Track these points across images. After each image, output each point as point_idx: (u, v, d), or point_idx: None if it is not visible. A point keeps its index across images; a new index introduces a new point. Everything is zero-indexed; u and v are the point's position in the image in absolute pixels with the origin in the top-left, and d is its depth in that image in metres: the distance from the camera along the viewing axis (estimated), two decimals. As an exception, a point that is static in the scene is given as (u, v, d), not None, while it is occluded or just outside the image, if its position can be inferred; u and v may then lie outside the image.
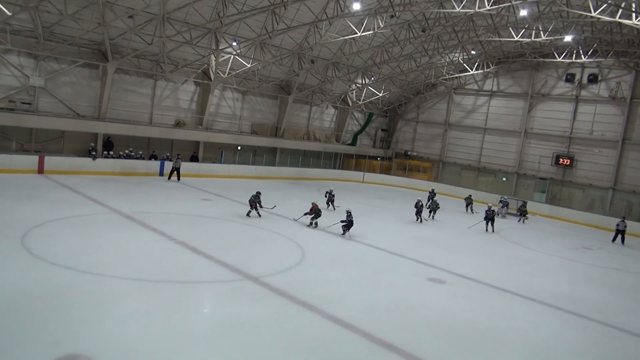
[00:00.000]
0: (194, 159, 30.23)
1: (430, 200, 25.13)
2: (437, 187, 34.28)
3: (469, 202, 28.84)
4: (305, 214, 19.04)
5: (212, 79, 30.21)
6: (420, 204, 22.99)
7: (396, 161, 42.83)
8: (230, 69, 29.93)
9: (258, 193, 19.43)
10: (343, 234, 18.07)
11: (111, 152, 26.17)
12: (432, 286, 13.27)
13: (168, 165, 26.66)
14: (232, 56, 29.12)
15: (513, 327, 10.92)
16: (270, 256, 14.16)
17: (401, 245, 17.65)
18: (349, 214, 18.19)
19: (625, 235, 24.46)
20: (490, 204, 24.44)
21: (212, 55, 29.13)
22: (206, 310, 10.04)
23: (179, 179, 26.07)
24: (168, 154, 28.63)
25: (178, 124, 29.99)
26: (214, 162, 31.44)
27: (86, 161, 24.60)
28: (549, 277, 16.14)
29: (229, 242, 15.08)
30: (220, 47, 27.98)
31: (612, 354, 10.24)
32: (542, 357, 9.55)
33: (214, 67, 29.66)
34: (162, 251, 13.15)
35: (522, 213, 28.06)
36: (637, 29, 22.09)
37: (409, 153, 43.17)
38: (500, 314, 11.78)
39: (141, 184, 23.73)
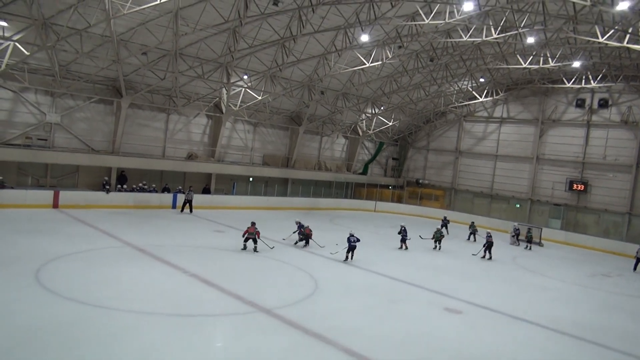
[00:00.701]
0: (206, 191, 30.41)
1: (437, 229, 24.29)
2: (450, 215, 34.01)
3: (472, 230, 28.10)
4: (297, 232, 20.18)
5: (224, 111, 30.65)
6: (403, 228, 22.67)
7: (408, 189, 42.68)
8: (241, 102, 30.37)
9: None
10: (345, 260, 18.19)
11: (125, 186, 26.43)
12: (448, 316, 13.02)
13: (181, 198, 26.82)
14: (243, 89, 29.59)
15: (534, 359, 10.61)
16: (282, 287, 14.04)
17: (415, 274, 17.41)
18: (351, 238, 18.24)
19: (611, 255, 23.75)
20: (488, 231, 23.87)
21: (224, 89, 29.64)
22: (219, 344, 9.92)
23: (191, 211, 26.17)
24: (180, 187, 28.85)
25: (190, 157, 30.31)
26: (226, 194, 31.59)
27: (100, 195, 24.84)
28: (568, 305, 15.78)
29: (242, 274, 15.00)
30: (232, 81, 28.47)
31: (637, 385, 9.91)
32: (565, 389, 9.25)
33: (225, 100, 30.14)
34: (175, 284, 13.10)
35: (529, 239, 27.56)
36: (646, 53, 22.15)
37: (420, 181, 43.05)
38: (520, 344, 11.49)
39: (154, 216, 23.85)
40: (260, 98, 30.22)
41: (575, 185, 34.03)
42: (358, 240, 18.39)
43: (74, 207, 23.18)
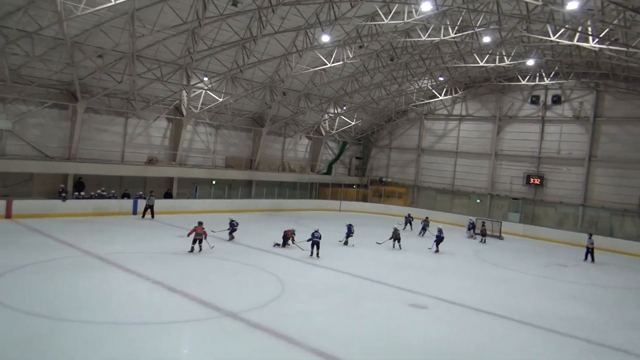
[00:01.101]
0: (168, 195, 29.83)
1: (394, 229, 24.34)
2: (413, 212, 34.55)
3: (424, 224, 28.45)
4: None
5: (184, 114, 30.15)
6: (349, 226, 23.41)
7: (372, 188, 43.08)
8: (202, 104, 29.95)
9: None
10: (311, 255, 18.83)
11: (82, 193, 25.62)
12: (414, 312, 13.20)
13: (141, 204, 26.22)
14: (204, 91, 29.20)
15: (498, 350, 10.89)
16: (248, 290, 13.91)
17: (381, 272, 17.58)
18: (315, 233, 19.09)
19: (596, 250, 24.71)
20: (439, 227, 24.49)
21: (184, 91, 29.15)
22: (185, 350, 9.75)
23: (153, 216, 25.63)
24: (141, 192, 28.20)
25: (151, 161, 29.68)
26: (188, 198, 31.08)
27: (56, 203, 23.98)
28: (529, 296, 16.25)
29: (206, 279, 14.78)
30: (192, 83, 28.04)
31: (595, 371, 10.29)
32: (528, 378, 9.52)
33: (185, 102, 29.65)
34: (138, 292, 12.78)
35: (483, 233, 28.29)
36: (595, 51, 23.02)
37: (384, 179, 43.52)
38: (485, 336, 11.75)
39: (114, 223, 23.22)
40: (221, 100, 29.89)
41: (532, 180, 35.12)
42: (320, 237, 19.19)
43: (28, 217, 22.30)
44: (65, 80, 24.88)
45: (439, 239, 23.38)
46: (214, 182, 32.89)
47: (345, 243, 22.71)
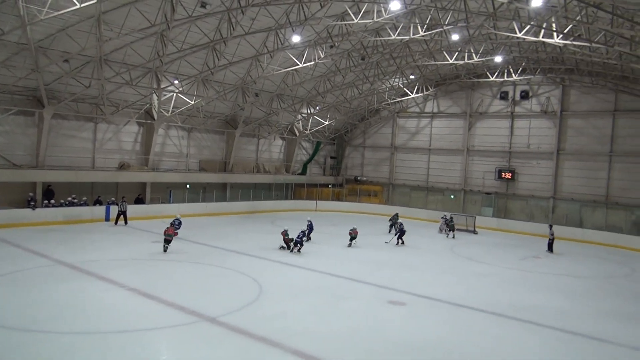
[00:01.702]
0: (139, 201, 29.28)
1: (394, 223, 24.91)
2: (388, 209, 34.92)
3: (394, 221, 28.18)
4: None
5: (156, 118, 29.70)
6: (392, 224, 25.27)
7: (347, 187, 43.25)
8: (173, 107, 29.57)
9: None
10: (291, 250, 20.22)
11: (52, 201, 25.00)
12: (392, 309, 13.30)
13: (114, 210, 25.74)
14: (175, 94, 28.84)
15: (477, 343, 11.05)
16: (226, 294, 13.80)
17: (358, 270, 17.66)
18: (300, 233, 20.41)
19: (568, 241, 25.31)
20: (401, 222, 25.30)
21: (154, 95, 28.72)
22: (164, 357, 9.61)
23: (126, 222, 25.19)
24: (113, 198, 27.68)
25: (122, 167, 29.16)
26: (162, 203, 30.64)
27: (25, 212, 23.34)
28: (505, 289, 16.55)
29: (183, 284, 14.61)
30: (162, 86, 27.64)
31: (570, 358, 10.52)
32: (505, 369, 9.69)
33: (156, 106, 29.21)
34: (113, 300, 12.54)
35: (451, 228, 28.69)
36: (559, 46, 23.58)
37: (358, 178, 43.73)
38: (463, 330, 11.92)
39: (86, 231, 22.74)
40: (193, 103, 29.56)
41: (503, 174, 35.77)
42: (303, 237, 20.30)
43: (-4, 227, 21.68)
44: (31, 86, 24.22)
45: (402, 232, 24.10)
46: (187, 186, 32.51)
47: (308, 239, 22.91)
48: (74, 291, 13.08)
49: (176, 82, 27.99)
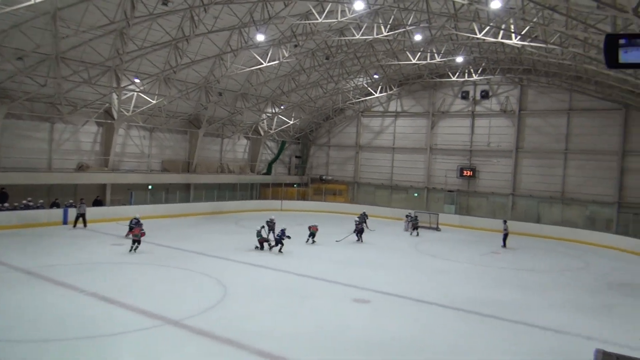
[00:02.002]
0: (98, 203, 28.43)
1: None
2: (353, 208, 35.19)
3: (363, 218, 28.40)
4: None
5: (116, 117, 28.96)
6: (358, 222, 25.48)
7: (312, 186, 43.31)
8: (134, 107, 28.90)
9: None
10: (261, 248, 20.73)
11: (6, 204, 24.05)
12: (357, 307, 13.41)
13: (72, 213, 24.98)
14: (136, 93, 28.21)
15: (437, 337, 11.27)
16: (190, 296, 13.61)
17: (324, 269, 17.73)
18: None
19: (526, 237, 26.14)
20: (356, 218, 25.83)
21: (114, 94, 28.00)
22: (125, 363, 9.41)
23: (85, 225, 24.50)
24: (72, 200, 26.85)
25: (81, 168, 28.32)
26: (123, 205, 29.91)
27: (-23, 216, 22.43)
28: (465, 284, 16.92)
29: (145, 287, 14.32)
30: (122, 85, 26.99)
31: (526, 350, 10.86)
32: (467, 363, 9.92)
33: (116, 105, 28.49)
34: (72, 306, 12.17)
35: (415, 226, 29.12)
36: (518, 47, 24.25)
37: (324, 177, 43.87)
38: (425, 326, 12.13)
39: (43, 235, 21.99)
40: (154, 102, 28.99)
41: (465, 172, 36.56)
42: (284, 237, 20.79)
43: (-54, 232, 20.74)
44: (-18, 84, 23.27)
45: (361, 230, 24.41)
46: (150, 187, 31.87)
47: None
48: (30, 298, 12.64)
49: (137, 80, 27.39)
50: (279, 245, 20.47)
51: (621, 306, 15.19)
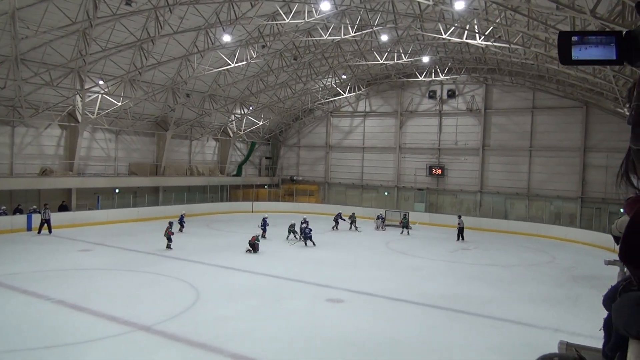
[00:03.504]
0: (64, 208, 27.70)
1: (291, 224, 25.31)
2: (324, 208, 35.30)
3: (352, 219, 29.96)
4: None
5: (80, 120, 28.26)
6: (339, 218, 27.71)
7: (283, 187, 43.20)
8: (99, 109, 28.24)
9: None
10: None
11: (-35, 211, 23.21)
12: (331, 306, 13.44)
13: (36, 219, 24.25)
14: (100, 95, 27.58)
15: (411, 334, 11.39)
16: (161, 301, 13.37)
17: (297, 270, 17.71)
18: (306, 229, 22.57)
19: (494, 232, 26.78)
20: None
21: (77, 96, 27.31)
22: (95, 371, 9.18)
23: (50, 231, 23.81)
24: (35, 206, 26.06)
25: (44, 172, 27.51)
26: (90, 209, 29.21)
27: None
28: (436, 280, 17.17)
29: (115, 293, 14.00)
30: (86, 87, 26.36)
31: (497, 343, 11.09)
32: (440, 357, 10.06)
33: (80, 108, 27.79)
34: (38, 314, 11.80)
35: (405, 225, 29.54)
36: (482, 47, 24.77)
37: (294, 178, 43.80)
38: (398, 322, 12.25)
39: (6, 242, 21.25)
40: (120, 104, 28.41)
41: (434, 170, 37.08)
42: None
43: None
44: (-63, 87, 22.35)
45: (307, 235, 23.69)
46: (116, 191, 31.19)
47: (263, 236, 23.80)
48: (-7, 307, 12.20)
49: (101, 82, 26.78)
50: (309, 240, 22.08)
51: (586, 297, 15.67)
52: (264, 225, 24.91)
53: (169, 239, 20.83)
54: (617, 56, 1.11)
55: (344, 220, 30.42)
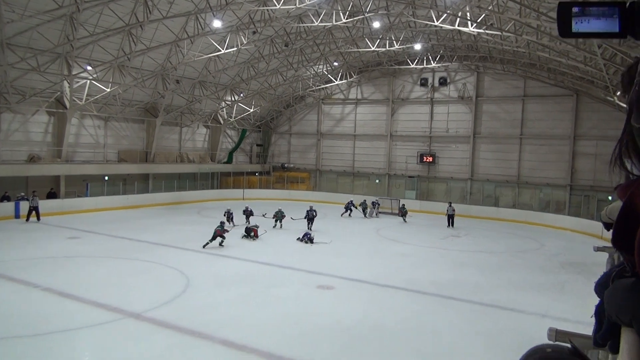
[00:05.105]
0: (52, 195, 27.44)
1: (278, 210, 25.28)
2: (316, 196, 35.28)
3: (364, 207, 30.69)
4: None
5: (68, 107, 27.89)
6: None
7: (274, 175, 43.10)
8: (87, 95, 27.86)
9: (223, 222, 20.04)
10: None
11: (-48, 198, 22.93)
12: (321, 293, 13.47)
13: (24, 206, 24.03)
14: (88, 81, 27.20)
15: (400, 320, 11.46)
16: (151, 288, 13.33)
17: (287, 257, 17.72)
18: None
19: (484, 220, 26.99)
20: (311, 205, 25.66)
21: (65, 82, 26.93)
22: (87, 357, 9.15)
23: (38, 219, 23.62)
24: (23, 193, 25.80)
25: (32, 159, 27.20)
26: (79, 196, 28.97)
27: None
28: (426, 267, 17.27)
29: (104, 280, 13.93)
30: (74, 73, 25.99)
31: (486, 329, 11.19)
32: (429, 342, 10.14)
33: (68, 94, 27.41)
34: (25, 302, 11.73)
35: (404, 214, 29.54)
36: (474, 35, 24.71)
37: (285, 165, 43.71)
38: (387, 309, 12.31)
39: (-7, 229, 21.08)
40: (108, 90, 28.05)
41: (425, 158, 37.15)
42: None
43: None
44: None
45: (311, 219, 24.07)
46: (106, 178, 30.94)
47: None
48: (-20, 295, 12.10)
49: (89, 68, 26.43)
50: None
51: (573, 284, 15.86)
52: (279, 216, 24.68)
53: (222, 237, 19.13)
54: (620, 29, 1.07)
55: (356, 208, 30.64)
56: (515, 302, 13.24)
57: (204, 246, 18.59)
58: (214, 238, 18.85)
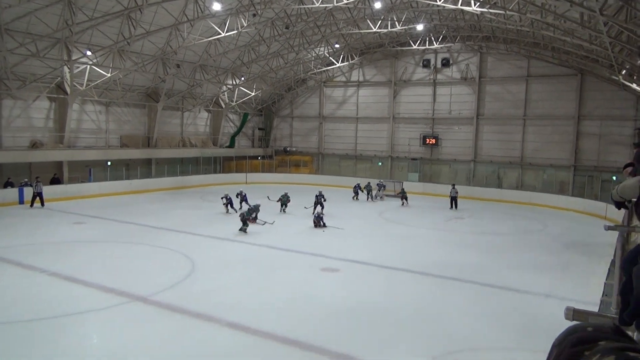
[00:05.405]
0: (56, 181, 27.48)
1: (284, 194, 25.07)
2: (319, 179, 35.30)
3: (368, 189, 30.79)
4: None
5: (69, 92, 27.77)
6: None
7: (277, 158, 43.05)
8: (88, 80, 27.72)
9: (250, 210, 19.94)
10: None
11: (-44, 185, 22.98)
12: (326, 276, 13.54)
13: (28, 192, 24.08)
14: (89, 66, 27.03)
15: (404, 302, 11.52)
16: (157, 272, 13.41)
17: (292, 240, 17.77)
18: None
19: (488, 201, 26.97)
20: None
21: (65, 67, 26.77)
22: (95, 340, 9.24)
23: (43, 204, 23.68)
24: (27, 179, 25.84)
25: (34, 145, 27.19)
26: (82, 182, 29.02)
27: None
28: (430, 249, 17.32)
29: (110, 265, 14.02)
30: (74, 58, 25.82)
31: (490, 310, 11.25)
32: (433, 323, 10.20)
33: (69, 79, 27.27)
34: (32, 287, 11.82)
35: (404, 196, 29.53)
36: (477, 14, 24.39)
37: (288, 149, 43.63)
38: (392, 291, 12.37)
39: (-2, 216, 21.18)
40: (109, 75, 27.90)
41: (428, 140, 36.99)
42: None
43: None
44: None
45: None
46: (108, 163, 30.94)
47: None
48: (-13, 280, 12.19)
49: (89, 53, 26.24)
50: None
51: (576, 264, 15.89)
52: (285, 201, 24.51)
53: (245, 223, 19.11)
54: None
55: (362, 191, 30.79)
56: (519, 282, 13.28)
57: (241, 229, 18.86)
58: (244, 223, 19.01)
